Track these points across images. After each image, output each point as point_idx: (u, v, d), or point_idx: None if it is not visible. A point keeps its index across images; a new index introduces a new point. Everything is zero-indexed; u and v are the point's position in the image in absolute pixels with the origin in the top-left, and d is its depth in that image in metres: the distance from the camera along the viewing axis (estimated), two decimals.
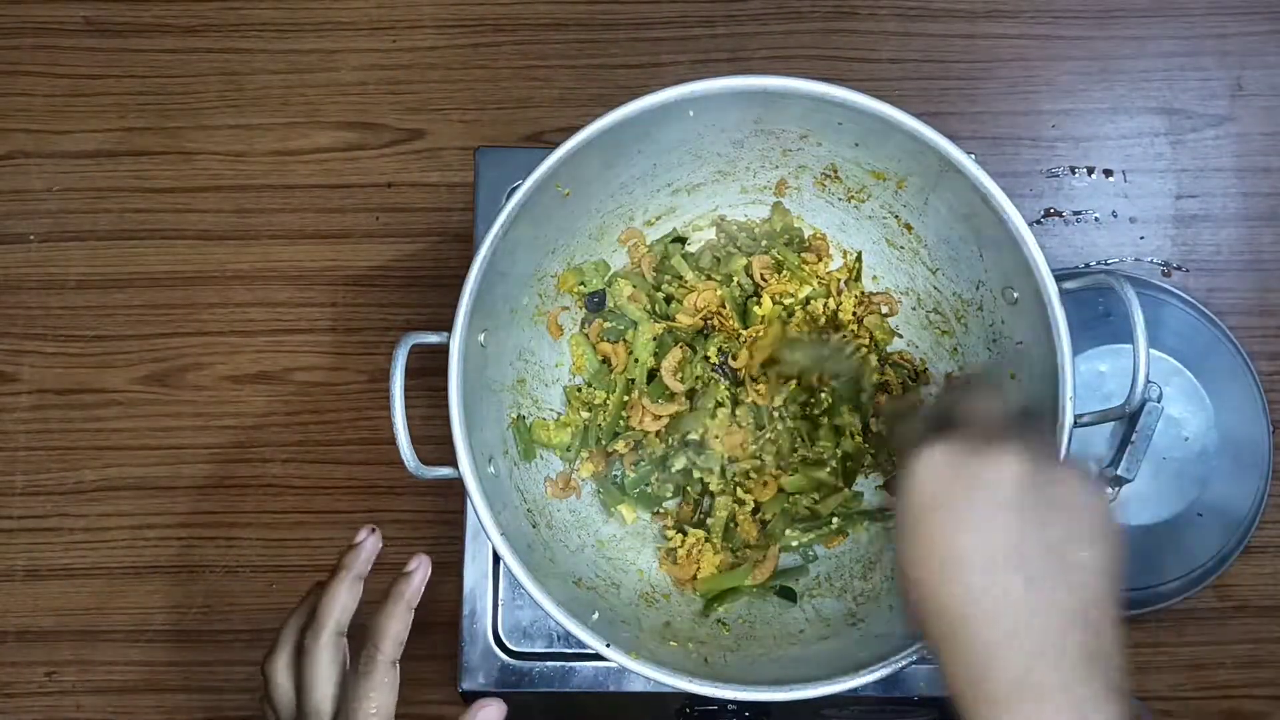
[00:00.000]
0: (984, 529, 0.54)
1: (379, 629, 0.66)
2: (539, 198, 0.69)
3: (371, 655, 0.65)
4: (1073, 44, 1.03)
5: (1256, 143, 1.01)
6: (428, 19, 1.03)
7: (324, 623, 0.67)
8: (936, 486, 0.55)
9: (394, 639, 0.66)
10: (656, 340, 0.80)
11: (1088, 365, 0.90)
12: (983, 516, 0.54)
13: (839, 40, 1.03)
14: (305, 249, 1.00)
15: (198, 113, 1.02)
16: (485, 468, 0.70)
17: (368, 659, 0.65)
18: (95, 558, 0.96)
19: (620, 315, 0.81)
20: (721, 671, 0.69)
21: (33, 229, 1.00)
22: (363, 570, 0.69)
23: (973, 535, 0.54)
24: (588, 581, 0.75)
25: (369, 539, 0.70)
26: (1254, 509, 0.92)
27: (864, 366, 0.78)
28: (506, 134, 1.01)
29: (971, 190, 0.69)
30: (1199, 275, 1.00)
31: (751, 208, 0.83)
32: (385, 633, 0.66)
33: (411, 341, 0.69)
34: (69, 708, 0.94)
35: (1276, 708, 0.95)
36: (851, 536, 0.80)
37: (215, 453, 0.97)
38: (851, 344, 0.79)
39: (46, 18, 1.03)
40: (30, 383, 0.98)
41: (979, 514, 0.54)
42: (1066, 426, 0.66)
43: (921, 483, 0.55)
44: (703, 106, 0.70)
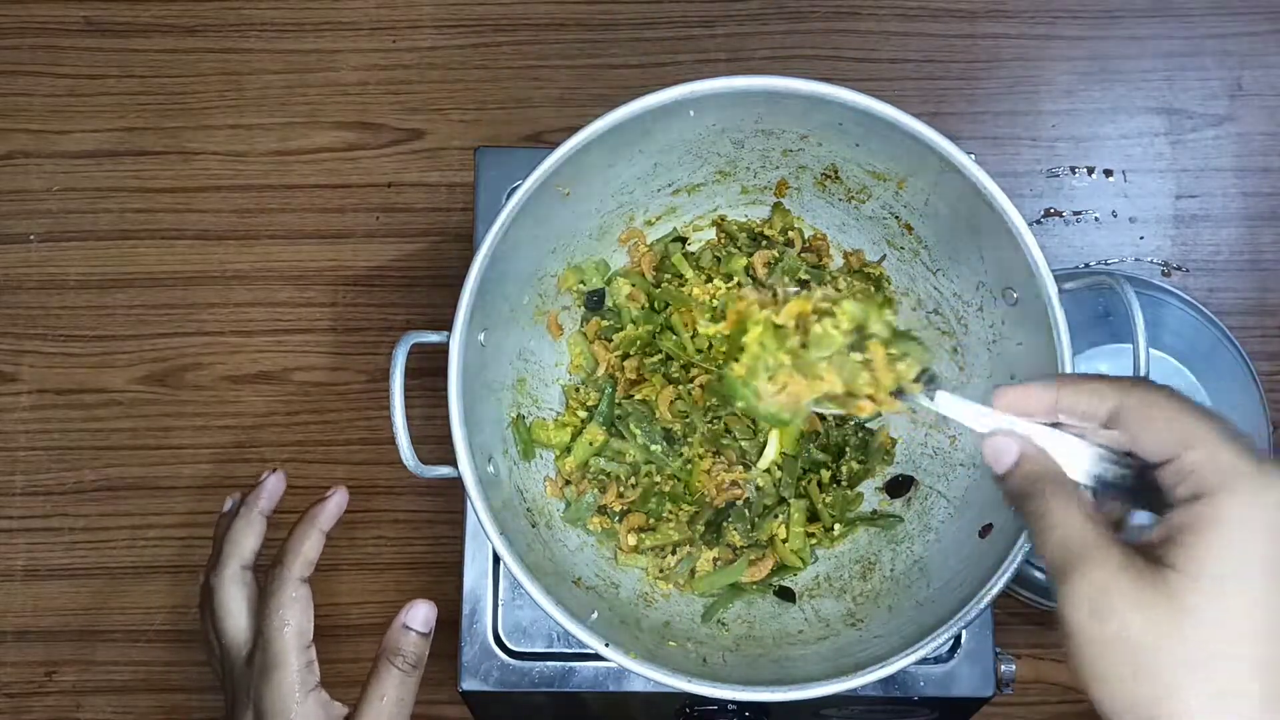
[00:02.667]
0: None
1: (288, 548, 0.69)
2: (539, 198, 0.69)
3: (278, 573, 0.68)
4: (1073, 44, 1.03)
5: (1256, 143, 1.01)
6: (428, 19, 1.04)
7: (226, 560, 0.69)
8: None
9: (302, 558, 0.68)
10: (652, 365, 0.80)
11: (1088, 365, 0.90)
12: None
13: (839, 40, 1.03)
14: (305, 249, 1.00)
15: (198, 113, 1.02)
16: (485, 467, 0.70)
17: (274, 577, 0.68)
18: (95, 558, 0.96)
19: (617, 313, 0.82)
20: (721, 671, 0.69)
21: (33, 229, 1.00)
22: (265, 507, 0.72)
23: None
24: (587, 581, 0.75)
25: (270, 478, 0.73)
26: None
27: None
28: (506, 134, 1.01)
29: (972, 190, 0.69)
30: (1199, 275, 1.00)
31: (752, 208, 0.83)
32: (293, 551, 0.68)
33: (411, 341, 0.69)
34: (69, 708, 0.94)
35: None
36: (851, 537, 0.80)
37: (215, 453, 0.97)
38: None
39: (46, 18, 1.04)
40: (30, 383, 0.98)
41: None
42: None
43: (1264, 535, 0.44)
44: (703, 106, 0.70)
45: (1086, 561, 0.46)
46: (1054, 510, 0.48)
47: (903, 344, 0.56)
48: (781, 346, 0.57)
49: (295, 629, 0.66)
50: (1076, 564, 0.46)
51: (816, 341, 0.56)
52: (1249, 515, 0.44)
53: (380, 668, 0.68)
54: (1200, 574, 0.44)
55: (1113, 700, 0.45)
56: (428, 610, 0.69)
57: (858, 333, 0.56)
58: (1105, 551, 0.46)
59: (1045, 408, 0.51)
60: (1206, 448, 0.45)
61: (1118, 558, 0.46)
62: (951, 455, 0.78)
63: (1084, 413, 0.50)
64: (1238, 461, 0.45)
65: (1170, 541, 0.45)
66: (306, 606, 0.67)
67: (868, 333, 0.56)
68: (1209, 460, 0.45)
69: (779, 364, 0.57)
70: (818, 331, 0.56)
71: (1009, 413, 0.52)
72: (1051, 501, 0.48)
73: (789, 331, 0.57)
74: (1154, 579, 0.44)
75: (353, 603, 0.96)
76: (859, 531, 0.80)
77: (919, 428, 0.81)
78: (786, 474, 0.79)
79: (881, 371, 0.56)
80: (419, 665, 0.68)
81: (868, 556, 0.79)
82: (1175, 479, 0.46)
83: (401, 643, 0.68)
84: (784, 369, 0.57)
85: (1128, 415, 0.48)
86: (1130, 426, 0.48)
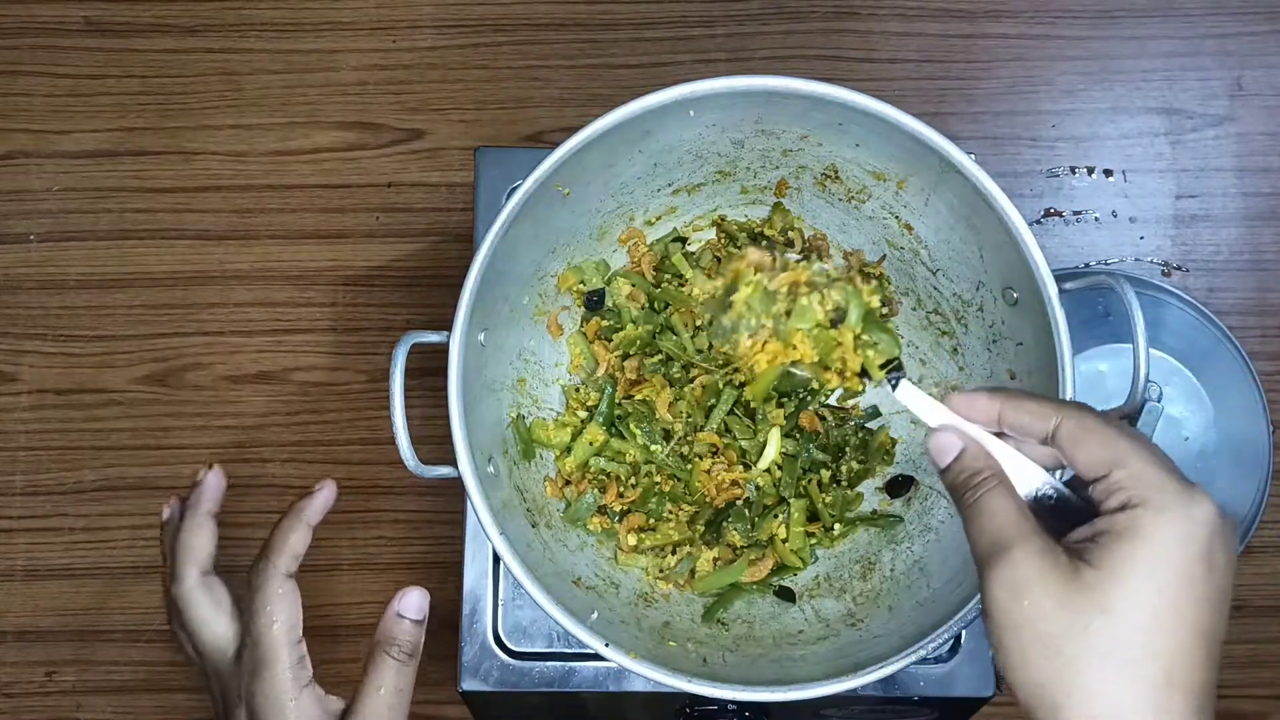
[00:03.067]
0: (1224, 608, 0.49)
1: (273, 543, 0.67)
2: (539, 198, 0.69)
3: (263, 569, 0.66)
4: (1072, 44, 1.03)
5: (1256, 143, 1.01)
6: (428, 19, 1.04)
7: (183, 570, 0.67)
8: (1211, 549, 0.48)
9: (289, 553, 0.66)
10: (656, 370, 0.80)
11: (1088, 365, 0.90)
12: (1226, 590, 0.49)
13: (839, 40, 1.03)
14: (305, 249, 1.00)
15: (198, 113, 1.02)
16: (485, 467, 0.70)
17: (259, 572, 0.66)
18: (95, 558, 0.96)
19: (617, 313, 0.82)
20: (720, 671, 0.69)
21: (33, 229, 1.00)
22: (210, 508, 0.69)
23: (1221, 615, 0.49)
24: (587, 581, 0.75)
25: (209, 476, 0.70)
26: (1254, 509, 0.92)
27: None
28: (506, 134, 1.01)
29: (972, 190, 0.69)
30: (1199, 275, 1.00)
31: (752, 208, 0.83)
32: (278, 546, 0.67)
33: (411, 341, 0.69)
34: (69, 708, 0.94)
35: (1276, 708, 0.95)
36: (851, 537, 0.80)
37: (215, 453, 0.97)
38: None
39: (47, 18, 1.04)
40: (30, 383, 0.98)
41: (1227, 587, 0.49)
42: None
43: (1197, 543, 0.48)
44: (703, 106, 0.70)
45: (1011, 547, 0.49)
46: (987, 501, 0.52)
47: (875, 332, 0.60)
48: (767, 311, 0.61)
49: (284, 624, 0.65)
50: (1004, 549, 0.50)
51: (799, 313, 0.60)
52: (1170, 527, 0.48)
53: (376, 658, 0.66)
54: (1116, 572, 0.47)
55: (1026, 678, 0.49)
56: (420, 597, 0.67)
57: (838, 312, 0.60)
58: (1029, 540, 0.50)
59: (989, 417, 0.55)
60: (1135, 466, 0.49)
61: (1040, 547, 0.49)
62: None
63: (1024, 428, 0.53)
64: (1163, 479, 0.49)
65: (1092, 542, 0.49)
66: (294, 601, 0.66)
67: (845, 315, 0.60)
68: (1137, 477, 0.49)
69: (760, 325, 0.61)
70: (803, 304, 0.60)
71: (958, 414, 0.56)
72: (986, 494, 0.52)
73: (779, 297, 0.61)
74: (1072, 571, 0.48)
75: (353, 603, 0.96)
76: (859, 531, 0.80)
77: (919, 428, 0.81)
78: (786, 474, 0.79)
79: (849, 354, 0.60)
80: (415, 654, 0.66)
81: (868, 556, 0.79)
82: (1105, 493, 0.50)
83: (395, 631, 0.66)
84: (764, 329, 0.61)
85: (1065, 435, 0.52)
86: (1066, 445, 0.51)
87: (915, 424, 0.81)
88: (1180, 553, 0.47)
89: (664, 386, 0.79)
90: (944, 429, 0.56)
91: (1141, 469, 0.49)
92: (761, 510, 0.79)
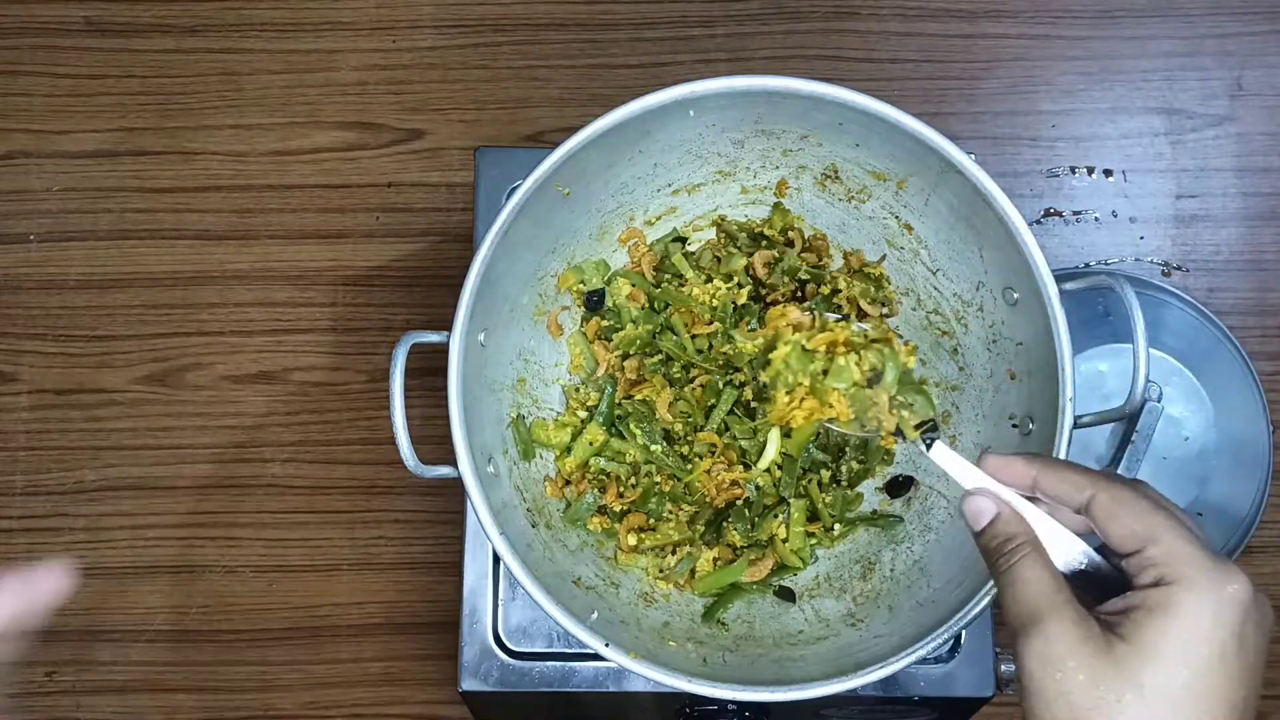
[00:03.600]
0: (1256, 683, 0.49)
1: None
2: (539, 198, 0.69)
3: None
4: (1072, 44, 1.03)
5: (1256, 143, 1.01)
6: (428, 19, 1.04)
7: None
8: (1243, 627, 0.49)
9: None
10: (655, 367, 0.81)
11: (1088, 365, 0.90)
12: (1259, 666, 0.50)
13: (839, 40, 1.03)
14: (305, 249, 1.00)
15: (198, 113, 1.02)
16: (485, 467, 0.70)
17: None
18: (95, 558, 0.96)
19: (617, 313, 0.82)
20: (720, 671, 0.69)
21: (33, 229, 1.00)
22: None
23: (1253, 690, 0.49)
24: (587, 581, 0.75)
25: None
26: (1254, 509, 0.92)
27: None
28: (506, 134, 1.01)
29: (972, 190, 0.68)
30: (1199, 275, 1.00)
31: (752, 208, 0.83)
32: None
33: (411, 341, 0.69)
34: (69, 707, 0.94)
35: (1276, 708, 0.95)
36: (851, 537, 0.80)
37: (215, 453, 0.97)
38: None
39: (46, 18, 1.04)
40: (30, 383, 0.98)
41: (1259, 664, 0.50)
42: (1066, 428, 0.66)
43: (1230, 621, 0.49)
44: (703, 106, 0.70)
45: (1045, 618, 0.50)
46: (1022, 569, 0.52)
47: (910, 394, 0.62)
48: (804, 369, 0.63)
49: None
50: (1036, 619, 0.50)
51: (836, 373, 0.62)
52: (1202, 605, 0.48)
53: None
54: (1148, 649, 0.48)
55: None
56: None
57: (874, 372, 0.62)
58: (1063, 611, 0.50)
59: (1025, 483, 0.55)
60: (1169, 542, 0.49)
61: (1073, 619, 0.50)
62: None
63: (1058, 496, 0.54)
64: (1197, 556, 0.49)
65: (1125, 616, 0.49)
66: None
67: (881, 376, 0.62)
68: (1170, 553, 0.49)
69: (798, 383, 0.63)
70: (840, 364, 0.62)
71: (993, 477, 0.56)
72: (1021, 561, 0.52)
73: (817, 356, 0.63)
74: (1104, 645, 0.49)
75: (353, 603, 0.96)
76: (859, 531, 0.80)
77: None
78: (786, 474, 0.79)
79: (884, 414, 0.61)
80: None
81: (868, 556, 0.79)
82: (1138, 568, 0.50)
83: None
84: (802, 388, 0.63)
85: (1099, 508, 0.52)
86: (1100, 518, 0.52)
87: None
88: (1212, 631, 0.48)
89: (664, 386, 0.79)
90: (979, 492, 0.56)
91: (1175, 545, 0.49)
92: (761, 510, 0.79)
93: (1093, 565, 0.54)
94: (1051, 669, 0.49)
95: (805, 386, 0.63)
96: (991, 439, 0.76)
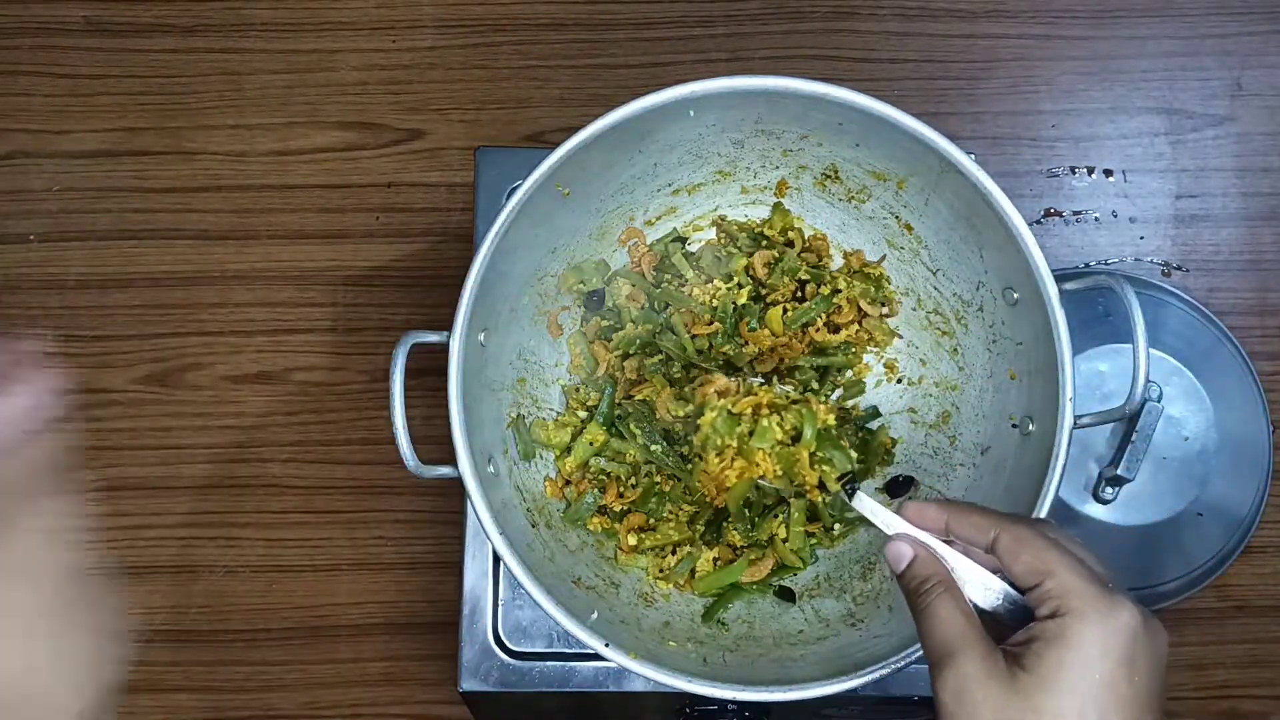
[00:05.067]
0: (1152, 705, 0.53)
1: None
2: (539, 198, 0.69)
3: None
4: (1072, 44, 1.03)
5: (1256, 143, 1.01)
6: (428, 19, 1.04)
7: None
8: (1131, 654, 0.52)
9: None
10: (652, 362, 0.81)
11: (1088, 365, 0.90)
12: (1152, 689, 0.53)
13: (839, 40, 1.03)
14: (305, 249, 1.00)
15: (198, 113, 1.02)
16: (485, 467, 0.70)
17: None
18: (95, 558, 0.96)
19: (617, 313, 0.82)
20: (720, 671, 0.69)
21: (33, 229, 1.00)
22: None
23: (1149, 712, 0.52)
24: (587, 581, 0.75)
25: None
26: (1254, 509, 0.92)
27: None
28: (506, 134, 1.01)
29: (972, 190, 0.69)
30: (1199, 275, 1.00)
31: (752, 208, 0.83)
32: None
33: (411, 341, 0.69)
34: None
35: (1276, 708, 0.95)
36: (851, 537, 0.80)
37: (215, 453, 0.97)
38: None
39: (46, 18, 1.03)
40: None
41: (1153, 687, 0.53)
42: (1066, 428, 0.66)
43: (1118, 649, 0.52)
44: (703, 106, 0.70)
45: (956, 653, 0.54)
46: (937, 607, 0.56)
47: (827, 449, 0.68)
48: (730, 433, 0.69)
49: None
50: (950, 654, 0.54)
51: (760, 434, 0.68)
52: (1091, 634, 0.52)
53: None
54: (1045, 678, 0.52)
55: None
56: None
57: (796, 431, 0.68)
58: (973, 647, 0.54)
59: (938, 527, 0.59)
60: (1063, 576, 0.53)
61: (982, 654, 0.54)
62: (951, 455, 0.78)
63: (968, 538, 0.58)
64: (1087, 589, 0.53)
65: (1028, 648, 0.53)
66: None
67: (801, 435, 0.68)
68: (1064, 586, 0.53)
69: (727, 445, 0.69)
70: (763, 425, 0.68)
71: (911, 523, 0.60)
72: (935, 600, 0.57)
73: (742, 419, 0.69)
74: (1009, 677, 0.53)
75: (353, 603, 0.96)
76: (859, 531, 0.80)
77: (919, 428, 0.81)
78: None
79: (804, 470, 0.68)
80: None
81: (868, 556, 0.79)
82: (1038, 601, 0.54)
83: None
84: (730, 449, 0.69)
85: (1002, 547, 0.56)
86: (1004, 557, 0.56)
87: (915, 424, 0.81)
88: (1101, 659, 0.51)
89: (664, 386, 0.79)
90: (899, 537, 0.60)
91: (1068, 579, 0.53)
92: (761, 510, 0.79)
93: (1009, 600, 0.57)
94: (962, 700, 0.53)
95: (733, 448, 0.68)
96: (991, 439, 0.76)
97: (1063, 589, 0.53)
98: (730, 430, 0.68)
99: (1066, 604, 0.52)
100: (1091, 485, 0.90)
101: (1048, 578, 0.54)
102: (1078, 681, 0.51)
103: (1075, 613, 0.52)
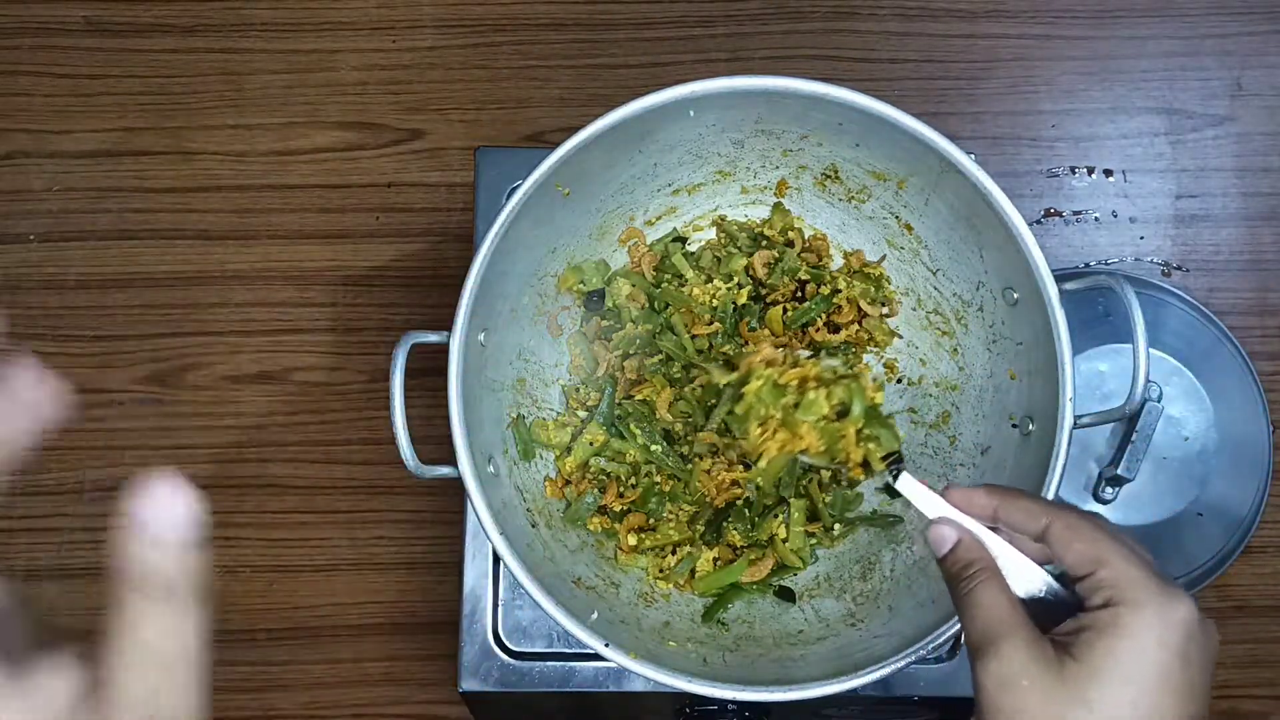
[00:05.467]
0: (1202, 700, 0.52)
1: None
2: (539, 198, 0.69)
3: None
4: (1072, 44, 1.03)
5: (1256, 143, 1.01)
6: (428, 19, 1.03)
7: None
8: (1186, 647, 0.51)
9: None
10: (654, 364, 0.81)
11: (1088, 365, 0.90)
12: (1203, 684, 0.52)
13: (839, 40, 1.03)
14: (305, 249, 1.00)
15: (198, 113, 1.02)
16: (485, 467, 0.70)
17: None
18: (95, 558, 0.96)
19: (617, 313, 0.82)
20: (720, 671, 0.69)
21: (33, 229, 1.00)
22: None
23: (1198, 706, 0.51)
24: (587, 581, 0.75)
25: None
26: (1254, 509, 0.92)
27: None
28: (506, 134, 1.01)
29: (972, 190, 0.69)
30: (1199, 275, 1.00)
31: (752, 208, 0.83)
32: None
33: (411, 341, 0.69)
34: None
35: (1276, 708, 0.95)
36: (851, 537, 0.80)
37: (215, 453, 0.97)
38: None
39: (46, 18, 1.03)
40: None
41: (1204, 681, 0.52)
42: (1066, 428, 0.66)
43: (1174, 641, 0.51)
44: (703, 106, 0.70)
45: (1001, 639, 0.52)
46: (980, 593, 0.55)
47: (876, 427, 0.65)
48: (775, 403, 0.65)
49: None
50: (993, 640, 0.53)
51: (806, 406, 0.65)
52: (1148, 626, 0.50)
53: (120, 596, 0.39)
54: (1096, 668, 0.50)
55: None
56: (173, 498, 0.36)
57: (842, 406, 0.65)
58: (1018, 633, 0.52)
59: (986, 513, 0.58)
60: (1118, 566, 0.52)
61: (1028, 641, 0.52)
62: (951, 455, 0.78)
63: (1017, 525, 0.56)
64: (1144, 579, 0.51)
65: (1076, 636, 0.52)
66: None
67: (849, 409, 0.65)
68: (1119, 576, 0.52)
69: (770, 416, 0.65)
70: (810, 398, 0.65)
71: (956, 507, 0.58)
72: (979, 586, 0.55)
73: (788, 391, 0.65)
74: (1056, 664, 0.51)
75: (352, 603, 0.96)
76: (859, 531, 0.80)
77: (919, 428, 0.81)
78: (786, 474, 0.79)
79: (851, 447, 0.64)
80: (174, 591, 0.39)
81: (868, 556, 0.79)
82: (1090, 590, 0.53)
83: (141, 560, 0.37)
84: (773, 420, 0.66)
85: (1055, 535, 0.54)
86: (1056, 544, 0.54)
87: (915, 424, 0.81)
88: (1157, 651, 0.50)
89: (664, 386, 0.79)
90: (942, 521, 0.58)
91: (1124, 569, 0.52)
92: (761, 510, 0.79)
93: (1050, 591, 0.56)
94: (1007, 688, 0.51)
95: (777, 419, 0.65)
96: (991, 439, 0.76)
97: (1117, 579, 0.52)
98: (776, 401, 0.66)
99: (1121, 594, 0.51)
100: (1091, 485, 0.90)
101: (1101, 566, 0.52)
102: (1132, 672, 0.50)
103: (1131, 603, 0.51)
